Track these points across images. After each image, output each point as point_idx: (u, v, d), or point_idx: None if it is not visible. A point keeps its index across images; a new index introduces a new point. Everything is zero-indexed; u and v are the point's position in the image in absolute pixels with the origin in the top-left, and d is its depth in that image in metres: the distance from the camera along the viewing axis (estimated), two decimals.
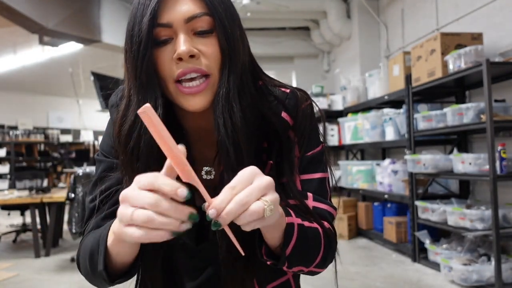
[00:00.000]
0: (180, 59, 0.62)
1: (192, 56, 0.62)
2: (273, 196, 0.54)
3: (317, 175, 0.76)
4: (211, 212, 0.50)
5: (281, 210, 0.61)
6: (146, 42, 0.62)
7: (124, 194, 0.51)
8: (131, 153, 0.66)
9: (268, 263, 0.66)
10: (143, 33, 0.62)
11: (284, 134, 0.72)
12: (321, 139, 0.78)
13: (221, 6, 0.65)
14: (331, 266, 0.83)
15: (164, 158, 0.56)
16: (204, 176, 0.74)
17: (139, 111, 0.48)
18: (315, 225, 0.69)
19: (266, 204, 0.52)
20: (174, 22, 0.62)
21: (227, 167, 0.65)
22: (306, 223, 0.67)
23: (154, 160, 0.64)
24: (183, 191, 0.48)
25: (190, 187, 0.50)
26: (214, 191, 0.73)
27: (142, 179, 0.50)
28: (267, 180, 0.54)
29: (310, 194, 0.74)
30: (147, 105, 0.48)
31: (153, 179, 0.49)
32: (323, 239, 0.70)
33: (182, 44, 0.62)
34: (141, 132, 0.64)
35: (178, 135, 0.72)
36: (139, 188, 0.50)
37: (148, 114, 0.48)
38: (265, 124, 0.70)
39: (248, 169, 0.55)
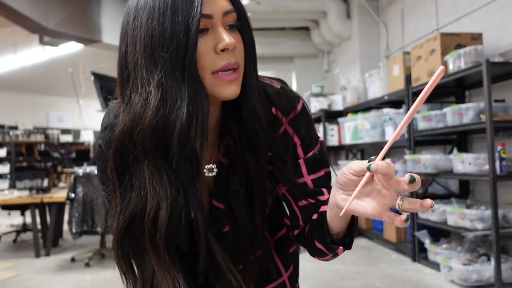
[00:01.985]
0: (222, 50, 0.64)
1: (233, 49, 0.65)
2: None
3: (323, 171, 0.78)
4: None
5: None
6: (196, 30, 0.61)
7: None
8: (182, 147, 0.63)
9: (320, 246, 0.72)
10: (193, 21, 0.61)
11: (275, 128, 0.74)
12: (318, 135, 0.80)
13: (242, 4, 0.70)
14: (331, 267, 0.84)
15: (191, 157, 0.65)
16: (207, 174, 0.75)
17: (441, 68, 0.55)
18: None
19: None
20: (215, 14, 0.64)
21: (250, 154, 0.71)
22: None
23: (188, 159, 0.65)
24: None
25: None
26: (215, 187, 0.73)
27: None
28: None
29: (325, 190, 0.77)
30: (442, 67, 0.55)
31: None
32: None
33: (227, 36, 0.64)
34: (194, 119, 0.62)
35: None
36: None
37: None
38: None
39: None
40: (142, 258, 0.70)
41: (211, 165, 0.74)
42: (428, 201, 0.54)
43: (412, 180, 0.54)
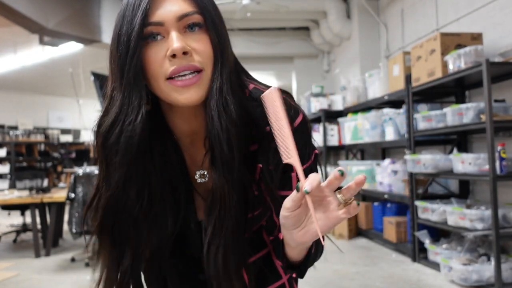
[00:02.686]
0: (173, 56, 0.62)
1: (185, 53, 0.63)
2: None
3: None
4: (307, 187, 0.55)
5: None
6: (137, 40, 0.62)
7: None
8: (110, 148, 0.66)
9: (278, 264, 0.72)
10: (135, 31, 0.62)
11: (272, 141, 0.70)
12: (315, 147, 0.78)
13: (210, 5, 0.67)
14: (332, 267, 0.85)
15: (170, 157, 0.65)
16: (198, 180, 0.74)
17: (265, 93, 0.59)
18: None
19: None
20: (166, 20, 0.63)
21: (217, 161, 0.66)
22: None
23: (130, 159, 0.65)
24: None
25: None
26: (208, 193, 0.73)
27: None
28: None
29: None
30: (273, 88, 0.58)
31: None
32: (317, 248, 0.74)
33: (176, 41, 0.62)
34: (122, 128, 0.64)
35: (170, 141, 0.73)
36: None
37: (273, 94, 0.58)
38: (254, 126, 0.70)
39: None
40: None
41: (202, 171, 0.74)
42: (360, 177, 0.56)
43: (341, 174, 0.56)
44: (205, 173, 0.74)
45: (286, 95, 0.75)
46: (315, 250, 0.71)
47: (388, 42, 5.07)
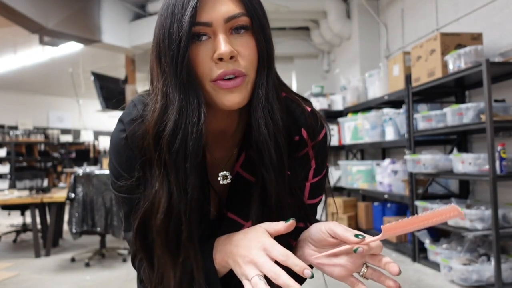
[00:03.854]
0: (220, 59, 0.62)
1: (232, 57, 0.62)
2: None
3: (317, 200, 0.79)
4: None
5: None
6: (186, 40, 0.61)
7: (254, 258, 0.58)
8: (176, 154, 0.63)
9: None
10: (184, 31, 0.61)
11: (298, 150, 0.72)
12: (327, 163, 0.80)
13: (259, 7, 0.66)
14: None
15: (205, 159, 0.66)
16: (221, 181, 0.73)
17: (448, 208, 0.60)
18: None
19: None
20: (214, 21, 0.62)
21: (268, 167, 0.66)
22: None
23: (200, 161, 0.64)
24: (308, 272, 0.55)
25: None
26: (228, 195, 0.73)
27: (276, 250, 0.58)
28: None
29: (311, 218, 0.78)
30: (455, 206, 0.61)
31: (286, 257, 0.57)
32: None
33: (224, 45, 0.61)
34: (185, 132, 0.63)
35: None
36: (269, 257, 0.57)
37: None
38: (285, 133, 0.70)
39: None
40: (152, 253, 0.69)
41: (225, 172, 0.73)
42: (394, 267, 0.59)
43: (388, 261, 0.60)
44: (228, 174, 0.73)
45: (311, 106, 0.76)
46: None
47: (388, 42, 5.07)
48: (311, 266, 0.71)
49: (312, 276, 0.55)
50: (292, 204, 0.72)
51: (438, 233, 3.60)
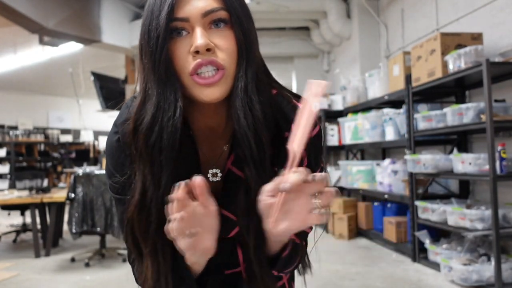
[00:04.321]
0: (197, 52, 0.63)
1: (208, 50, 0.63)
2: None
3: None
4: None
5: None
6: (164, 36, 0.63)
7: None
8: (152, 146, 0.65)
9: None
10: (161, 27, 0.63)
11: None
12: (322, 161, 0.79)
13: (237, 2, 0.67)
14: (332, 267, 0.84)
15: (184, 153, 0.65)
16: (211, 179, 0.74)
17: (315, 81, 0.59)
18: (298, 240, 0.74)
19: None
20: (191, 16, 0.63)
21: (248, 160, 0.66)
22: (295, 239, 0.72)
23: (177, 153, 0.65)
24: (196, 179, 0.58)
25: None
26: (221, 192, 0.73)
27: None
28: None
29: None
30: (325, 82, 0.60)
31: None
32: (300, 255, 0.75)
33: (199, 38, 0.62)
34: (162, 125, 0.64)
35: (186, 136, 0.72)
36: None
37: (321, 86, 0.61)
38: (274, 131, 0.70)
39: None
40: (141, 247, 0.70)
41: (215, 170, 0.74)
42: (331, 190, 0.57)
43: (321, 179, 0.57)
44: (218, 172, 0.74)
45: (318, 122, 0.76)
46: (290, 250, 0.70)
47: (388, 42, 5.07)
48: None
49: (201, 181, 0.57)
50: None
51: (438, 233, 3.60)
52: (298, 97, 0.76)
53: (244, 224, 0.70)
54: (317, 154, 0.75)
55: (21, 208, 5.04)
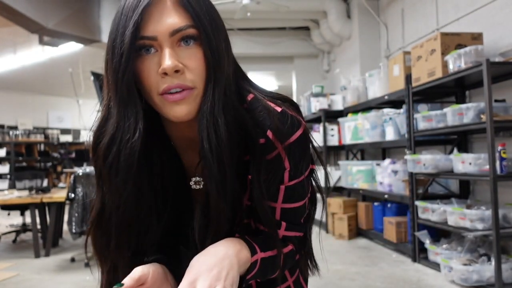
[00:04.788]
0: (165, 73, 0.62)
1: (177, 71, 0.62)
2: (228, 282, 0.61)
3: (299, 204, 0.74)
4: None
5: (240, 262, 0.65)
6: (128, 55, 0.61)
7: None
8: (109, 167, 0.65)
9: None
10: (125, 46, 0.61)
11: (266, 152, 0.69)
12: (311, 162, 0.76)
13: (206, 18, 0.65)
14: (332, 267, 0.84)
15: (141, 177, 0.66)
16: (193, 186, 0.74)
17: None
18: (274, 252, 0.72)
19: None
20: (159, 34, 0.62)
21: (210, 180, 0.66)
22: (268, 253, 0.71)
23: (133, 176, 0.65)
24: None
25: None
26: (203, 200, 0.73)
27: None
28: (222, 267, 0.61)
29: (284, 224, 0.74)
30: None
31: None
32: (282, 262, 0.73)
33: (167, 59, 0.61)
34: (120, 146, 0.64)
35: (166, 145, 0.72)
36: None
37: None
38: (248, 138, 0.69)
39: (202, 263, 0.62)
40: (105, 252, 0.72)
41: (198, 177, 0.74)
42: None
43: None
44: (200, 180, 0.74)
45: (287, 105, 0.73)
46: (257, 270, 0.70)
47: (388, 42, 5.07)
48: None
49: None
50: (264, 208, 0.70)
51: (439, 233, 3.59)
52: (280, 99, 0.74)
53: (199, 237, 0.71)
54: (300, 159, 0.71)
55: (21, 208, 5.03)
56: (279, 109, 0.70)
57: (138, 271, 0.62)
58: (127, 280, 0.60)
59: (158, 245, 0.74)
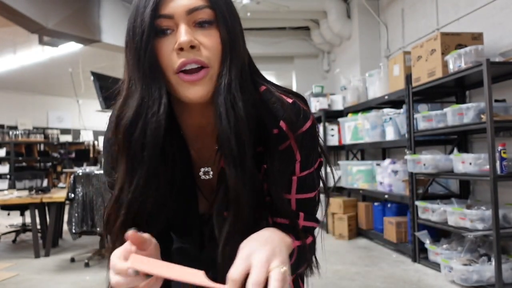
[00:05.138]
0: (181, 49, 0.63)
1: (193, 47, 0.63)
2: (282, 258, 0.57)
3: (311, 194, 0.75)
4: None
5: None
6: (148, 32, 0.63)
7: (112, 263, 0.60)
8: (135, 142, 0.64)
9: None
10: (145, 23, 0.62)
11: (279, 143, 0.70)
12: (319, 155, 0.77)
13: (222, 1, 0.66)
14: (331, 267, 0.83)
15: (176, 152, 0.66)
16: (202, 177, 0.74)
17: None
18: (300, 242, 0.72)
19: (282, 271, 0.55)
20: (176, 13, 0.63)
21: (228, 159, 0.65)
22: (296, 243, 0.70)
23: (159, 149, 0.65)
24: (131, 271, 0.56)
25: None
26: (212, 190, 0.73)
27: (111, 265, 0.59)
28: (276, 243, 0.59)
29: (302, 214, 0.74)
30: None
31: (113, 268, 0.59)
32: (297, 254, 0.72)
33: (183, 35, 0.62)
34: (146, 120, 0.63)
35: (177, 135, 0.72)
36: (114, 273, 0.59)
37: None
38: (261, 128, 0.69)
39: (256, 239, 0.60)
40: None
41: (206, 168, 0.73)
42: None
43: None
44: (209, 170, 0.74)
45: (297, 98, 0.74)
46: (295, 258, 0.69)
47: (388, 42, 5.07)
48: None
49: (135, 273, 0.57)
50: (281, 199, 0.71)
51: (439, 233, 3.59)
52: (293, 94, 0.76)
53: (217, 222, 0.69)
54: (310, 150, 0.73)
55: (21, 208, 5.03)
56: (290, 101, 0.72)
57: (148, 235, 0.61)
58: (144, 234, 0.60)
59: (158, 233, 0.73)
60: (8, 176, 8.76)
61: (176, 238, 0.81)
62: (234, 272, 0.54)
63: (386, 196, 4.05)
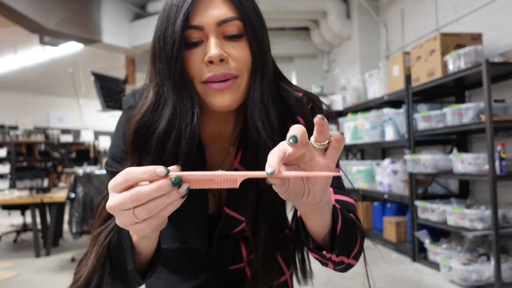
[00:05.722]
0: (210, 62, 0.63)
1: (222, 60, 0.63)
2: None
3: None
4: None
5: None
6: (179, 43, 0.63)
7: (109, 205, 0.49)
8: (168, 153, 0.65)
9: (314, 255, 0.65)
10: (176, 34, 0.63)
11: None
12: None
13: (252, 12, 0.67)
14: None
15: (198, 159, 0.67)
16: None
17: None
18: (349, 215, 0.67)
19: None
20: (206, 25, 0.64)
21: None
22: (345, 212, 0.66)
23: (193, 161, 0.66)
24: (161, 170, 0.47)
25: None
26: (220, 192, 0.74)
27: (115, 181, 0.48)
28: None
29: (330, 188, 0.70)
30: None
31: (126, 176, 0.48)
32: (358, 228, 0.67)
33: (213, 48, 0.63)
34: (180, 131, 0.65)
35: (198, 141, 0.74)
36: (117, 192, 0.48)
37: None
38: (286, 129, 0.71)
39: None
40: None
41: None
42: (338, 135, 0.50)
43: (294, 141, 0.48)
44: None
45: (312, 97, 0.76)
46: (342, 223, 0.63)
47: (388, 42, 5.08)
48: None
49: (167, 171, 0.48)
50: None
51: (438, 233, 3.60)
52: (298, 90, 0.78)
53: (251, 221, 0.72)
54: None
55: (22, 208, 5.04)
56: (300, 94, 0.74)
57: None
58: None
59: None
60: (9, 176, 8.77)
61: (177, 238, 0.82)
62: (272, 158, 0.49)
63: (385, 196, 4.06)
